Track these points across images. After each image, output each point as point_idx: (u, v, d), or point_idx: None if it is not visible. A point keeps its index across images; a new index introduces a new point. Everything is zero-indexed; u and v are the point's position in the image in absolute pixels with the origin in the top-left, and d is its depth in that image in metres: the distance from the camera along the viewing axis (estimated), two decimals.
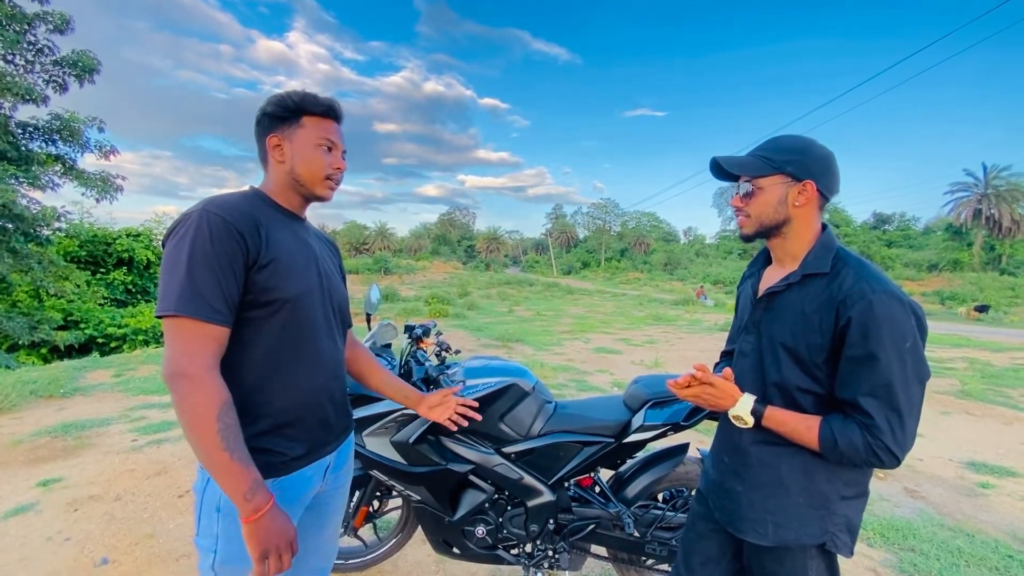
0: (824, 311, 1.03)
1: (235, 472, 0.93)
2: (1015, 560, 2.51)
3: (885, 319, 0.96)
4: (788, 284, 1.11)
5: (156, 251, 18.03)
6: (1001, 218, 34.19)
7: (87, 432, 3.89)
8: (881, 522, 2.86)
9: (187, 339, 0.93)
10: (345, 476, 1.34)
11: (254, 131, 1.13)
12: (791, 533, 1.11)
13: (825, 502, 1.09)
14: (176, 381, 0.92)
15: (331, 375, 1.19)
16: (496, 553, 1.95)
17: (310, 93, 1.12)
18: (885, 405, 0.97)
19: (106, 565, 2.24)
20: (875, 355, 0.96)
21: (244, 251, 0.99)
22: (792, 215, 1.10)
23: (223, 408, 0.93)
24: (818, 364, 1.05)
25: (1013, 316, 20.35)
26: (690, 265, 53.52)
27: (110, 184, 11.43)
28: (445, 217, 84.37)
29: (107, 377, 5.88)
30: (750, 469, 1.16)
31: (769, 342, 1.13)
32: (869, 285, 0.99)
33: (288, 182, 1.13)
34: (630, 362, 7.80)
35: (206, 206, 0.99)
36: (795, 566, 1.12)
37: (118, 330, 13.94)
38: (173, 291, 0.93)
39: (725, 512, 1.22)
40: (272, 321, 1.05)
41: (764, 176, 1.10)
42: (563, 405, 2.02)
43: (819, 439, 1.03)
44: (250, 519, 0.94)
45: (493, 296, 23.54)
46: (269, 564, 0.96)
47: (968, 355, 9.43)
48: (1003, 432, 4.86)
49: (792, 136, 1.14)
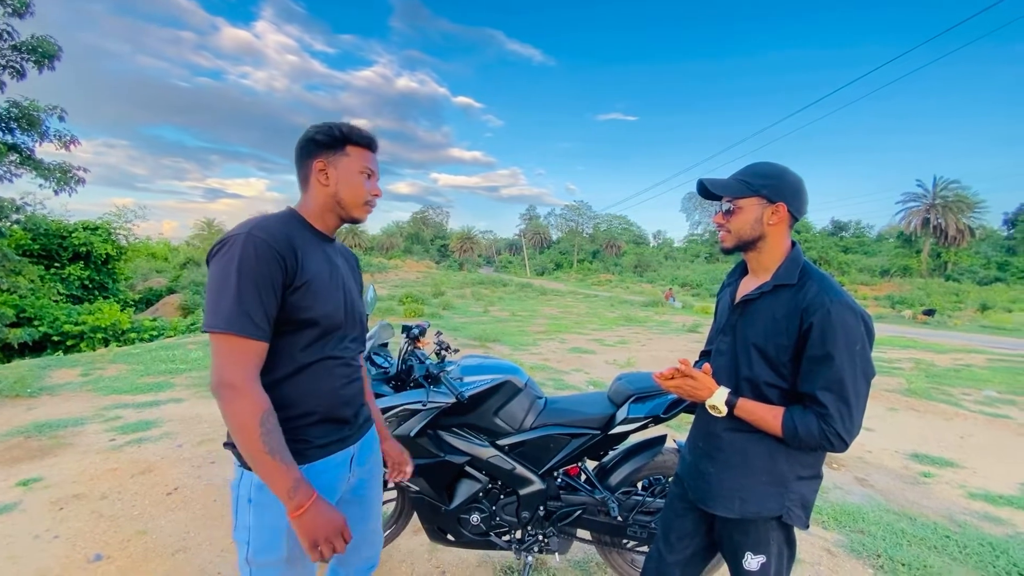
0: (791, 317, 1.19)
1: (279, 471, 1.02)
2: (951, 540, 2.81)
3: (840, 325, 1.13)
4: (761, 293, 1.27)
5: (116, 245, 17.33)
6: (947, 227, 36.44)
7: (61, 432, 3.81)
8: (835, 507, 3.13)
9: (233, 353, 1.02)
10: (375, 466, 1.45)
11: (296, 154, 1.23)
12: (754, 507, 1.28)
13: (784, 481, 1.26)
14: (223, 390, 1.01)
15: (348, 381, 1.29)
16: (489, 539, 2.09)
17: (355, 126, 1.24)
18: (837, 398, 1.13)
19: (100, 561, 2.26)
20: (831, 355, 1.13)
21: (283, 273, 1.08)
22: (766, 232, 1.27)
23: (265, 415, 1.02)
24: (784, 363, 1.22)
25: (956, 320, 21.72)
26: (659, 268, 54.86)
27: (70, 176, 10.96)
28: (418, 215, 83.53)
29: (74, 376, 5.71)
30: (721, 452, 1.33)
31: (743, 343, 1.29)
32: (828, 296, 1.16)
33: (330, 204, 1.23)
34: (604, 362, 8.04)
35: (251, 230, 1.07)
36: (759, 536, 1.31)
37: (75, 328, 13.30)
38: (224, 309, 1.02)
39: (699, 491, 1.38)
40: (300, 337, 1.15)
41: (743, 197, 1.27)
42: (553, 400, 2.17)
43: (782, 426, 1.20)
44: (295, 514, 1.03)
45: (467, 296, 23.57)
46: (322, 549, 1.05)
47: (914, 356, 10.10)
48: (944, 427, 5.29)
49: (768, 163, 1.31)
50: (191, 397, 4.98)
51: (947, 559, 2.62)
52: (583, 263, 64.09)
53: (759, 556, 1.31)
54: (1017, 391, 6.95)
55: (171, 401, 4.81)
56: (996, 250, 43.02)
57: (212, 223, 54.08)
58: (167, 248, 36.11)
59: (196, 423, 4.15)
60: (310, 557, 1.06)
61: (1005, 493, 3.60)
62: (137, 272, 24.50)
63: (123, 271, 18.74)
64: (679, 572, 1.50)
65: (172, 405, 4.68)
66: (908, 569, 2.48)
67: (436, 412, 1.96)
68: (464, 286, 28.99)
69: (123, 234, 17.90)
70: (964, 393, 6.83)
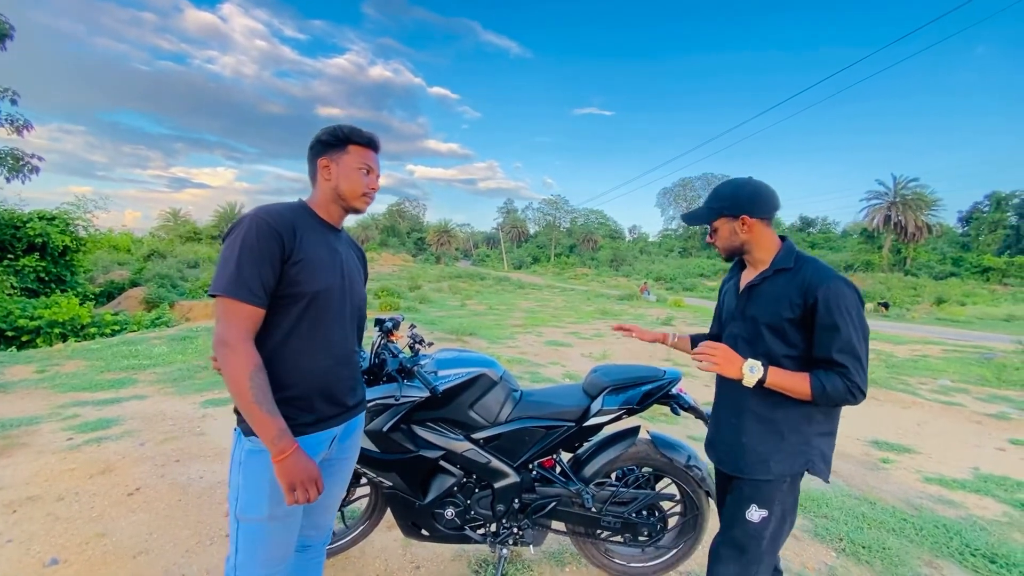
0: (794, 295, 1.38)
1: (265, 421, 1.16)
2: (908, 523, 2.93)
3: (840, 298, 1.33)
4: (764, 278, 1.47)
5: (74, 236, 16.53)
6: (907, 224, 37.94)
7: (14, 431, 3.62)
8: (800, 494, 3.23)
9: (230, 315, 1.17)
10: (351, 449, 1.55)
11: (307, 154, 1.40)
12: (785, 467, 1.45)
13: (808, 439, 1.44)
14: (219, 348, 1.16)
15: (340, 360, 1.41)
16: (464, 533, 2.07)
17: (357, 128, 1.39)
18: (852, 357, 1.32)
19: (57, 565, 2.16)
20: (837, 324, 1.32)
21: (281, 248, 1.23)
22: (744, 239, 1.48)
23: (254, 370, 1.16)
24: (793, 334, 1.40)
25: (915, 313, 22.70)
26: (635, 262, 55.58)
27: (23, 163, 10.40)
28: (394, 208, 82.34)
29: (28, 373, 5.44)
30: (756, 424, 1.48)
31: (754, 323, 1.47)
32: (826, 274, 1.37)
33: (332, 196, 1.39)
34: (580, 355, 8.11)
35: (257, 211, 1.24)
36: (769, 493, 1.47)
37: (30, 322, 12.62)
38: (225, 277, 1.18)
39: (735, 463, 1.52)
40: (294, 308, 1.28)
41: (714, 220, 1.51)
42: (528, 393, 2.16)
43: (811, 387, 1.35)
44: (278, 459, 1.17)
45: (444, 290, 23.42)
46: (297, 495, 1.19)
47: (875, 347, 10.50)
48: (902, 415, 5.53)
49: (725, 184, 1.52)
50: (155, 394, 4.81)
51: (905, 541, 2.73)
52: (560, 257, 64.46)
53: (763, 510, 1.46)
54: (969, 380, 7.31)
55: (134, 398, 4.63)
56: (951, 246, 45.08)
57: (178, 213, 52.12)
58: (130, 239, 34.60)
59: (159, 421, 4.00)
60: (286, 499, 1.19)
61: (958, 477, 3.78)
62: (98, 264, 23.42)
63: (82, 263, 17.87)
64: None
65: (135, 402, 4.50)
66: (868, 551, 2.58)
67: (410, 407, 1.93)
68: (441, 280, 28.79)
69: (82, 224, 17.08)
70: (921, 382, 7.14)
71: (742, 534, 1.49)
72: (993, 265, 36.95)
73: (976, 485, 3.61)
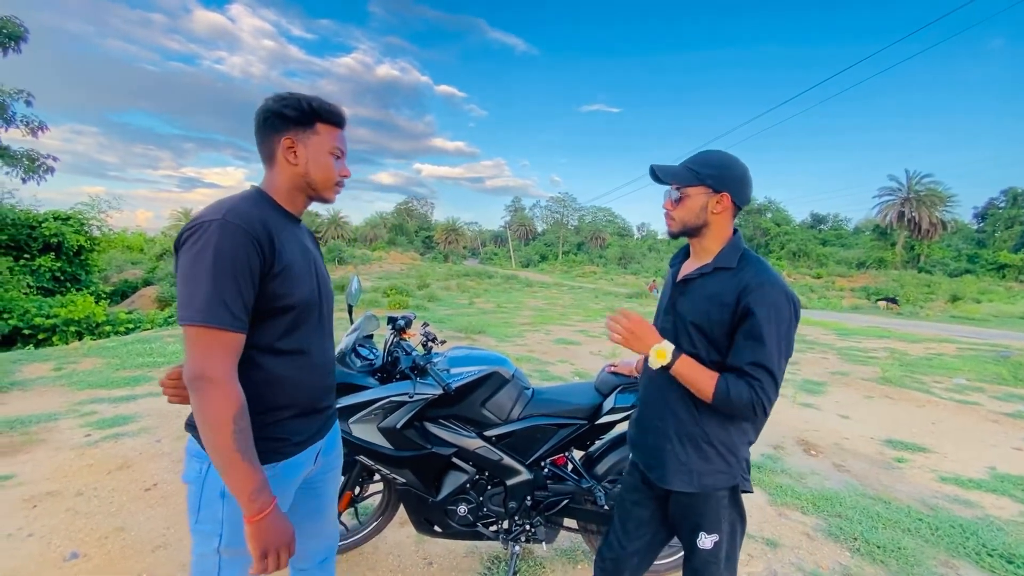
0: (727, 297, 1.26)
1: (245, 472, 0.98)
2: (923, 522, 2.90)
3: (773, 307, 1.21)
4: (701, 273, 1.33)
5: (89, 236, 16.78)
6: (921, 220, 37.39)
7: (34, 428, 3.69)
8: (813, 493, 3.21)
9: (210, 346, 0.98)
10: (336, 459, 1.43)
11: (257, 127, 1.14)
12: (710, 480, 1.34)
13: (734, 449, 1.34)
14: (198, 383, 0.97)
15: (326, 370, 1.27)
16: (476, 530, 2.08)
17: (324, 101, 1.16)
18: (767, 373, 1.21)
19: (76, 559, 2.20)
20: (762, 335, 1.20)
21: (261, 260, 1.03)
22: (710, 220, 1.33)
23: (239, 412, 0.98)
24: (720, 339, 1.28)
25: (928, 310, 22.38)
26: (643, 260, 55.31)
27: (38, 163, 10.57)
28: (402, 206, 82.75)
29: (46, 371, 5.53)
30: (680, 426, 1.35)
31: (682, 321, 1.35)
32: (765, 279, 1.24)
33: (299, 184, 1.17)
34: (589, 352, 8.09)
35: (225, 215, 1.01)
36: (713, 514, 1.36)
37: (47, 321, 12.88)
38: (199, 300, 0.96)
39: (657, 470, 1.40)
40: (277, 324, 1.11)
41: (690, 186, 1.31)
42: (540, 391, 2.17)
43: (714, 388, 1.24)
44: (254, 519, 0.99)
45: (453, 288, 23.46)
46: (268, 562, 1.02)
47: (889, 345, 10.37)
48: (916, 413, 5.45)
49: (717, 152, 1.34)
50: None
51: (920, 541, 2.70)
52: (568, 255, 64.30)
53: (712, 535, 1.37)
54: (985, 379, 7.19)
55: (148, 395, 4.69)
56: (966, 243, 44.37)
57: (189, 213, 52.73)
58: (143, 239, 35.08)
59: (175, 417, 4.06)
60: (254, 567, 1.02)
61: (974, 477, 3.73)
62: (111, 264, 23.79)
63: (97, 262, 18.17)
64: (637, 560, 1.53)
65: (150, 399, 4.57)
66: (883, 551, 2.55)
67: (423, 404, 1.94)
68: (449, 278, 28.84)
69: (96, 224, 17.33)
70: (936, 381, 7.04)
71: (700, 562, 1.41)
72: (1009, 262, 36.29)
73: (993, 485, 3.56)
